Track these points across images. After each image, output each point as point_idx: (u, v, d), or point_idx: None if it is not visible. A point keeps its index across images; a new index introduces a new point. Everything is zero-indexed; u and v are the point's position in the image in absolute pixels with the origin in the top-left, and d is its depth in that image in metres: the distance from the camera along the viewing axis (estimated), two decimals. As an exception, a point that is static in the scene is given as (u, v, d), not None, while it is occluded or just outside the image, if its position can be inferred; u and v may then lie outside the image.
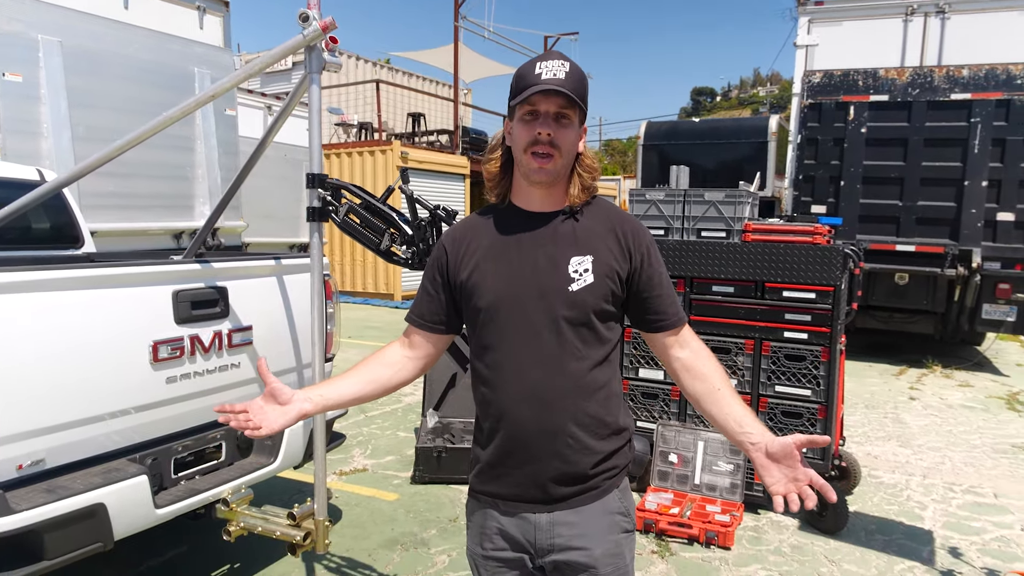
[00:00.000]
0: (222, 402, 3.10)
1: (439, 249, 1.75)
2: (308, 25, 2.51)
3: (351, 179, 14.99)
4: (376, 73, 20.50)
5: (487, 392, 1.67)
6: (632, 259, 1.65)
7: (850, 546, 3.94)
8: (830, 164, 8.61)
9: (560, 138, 1.57)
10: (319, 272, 2.86)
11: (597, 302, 1.60)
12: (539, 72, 1.55)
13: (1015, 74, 7.77)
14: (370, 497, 4.53)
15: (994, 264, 7.98)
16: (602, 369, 1.64)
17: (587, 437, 1.62)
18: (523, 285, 1.61)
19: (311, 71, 2.59)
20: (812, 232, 4.07)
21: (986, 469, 5.27)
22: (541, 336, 1.59)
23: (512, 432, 1.62)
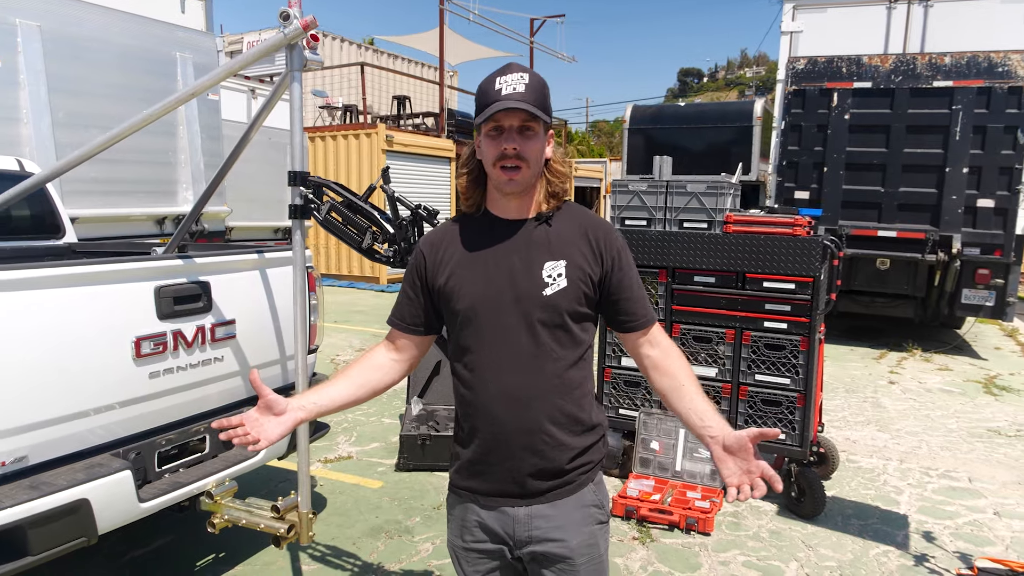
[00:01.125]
0: (207, 396, 3.15)
1: (417, 254, 1.81)
2: (289, 24, 2.51)
3: (336, 163, 14.93)
4: (361, 55, 20.32)
5: (467, 393, 1.73)
6: (604, 262, 1.71)
7: (827, 531, 4.03)
8: (813, 150, 8.67)
9: (526, 150, 1.63)
10: (301, 268, 2.87)
11: (571, 305, 1.67)
12: (499, 88, 1.61)
13: (996, 62, 7.83)
14: (355, 485, 4.57)
15: (974, 250, 8.09)
16: (577, 369, 1.71)
17: (563, 434, 1.69)
18: (499, 290, 1.67)
19: (292, 69, 2.60)
20: (792, 224, 4.12)
21: (962, 453, 5.37)
22: (518, 339, 1.66)
23: (491, 430, 1.69)
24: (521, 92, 1.60)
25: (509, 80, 1.61)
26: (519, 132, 1.62)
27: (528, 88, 1.61)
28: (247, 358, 3.26)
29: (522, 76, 1.62)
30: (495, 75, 1.66)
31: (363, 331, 9.79)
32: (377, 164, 14.57)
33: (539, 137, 1.65)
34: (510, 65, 1.67)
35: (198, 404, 3.08)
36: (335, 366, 7.75)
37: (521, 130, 1.62)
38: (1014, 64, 7.77)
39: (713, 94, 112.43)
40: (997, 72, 7.80)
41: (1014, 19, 7.94)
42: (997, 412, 6.47)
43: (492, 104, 1.60)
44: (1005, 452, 5.42)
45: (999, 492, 4.66)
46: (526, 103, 1.59)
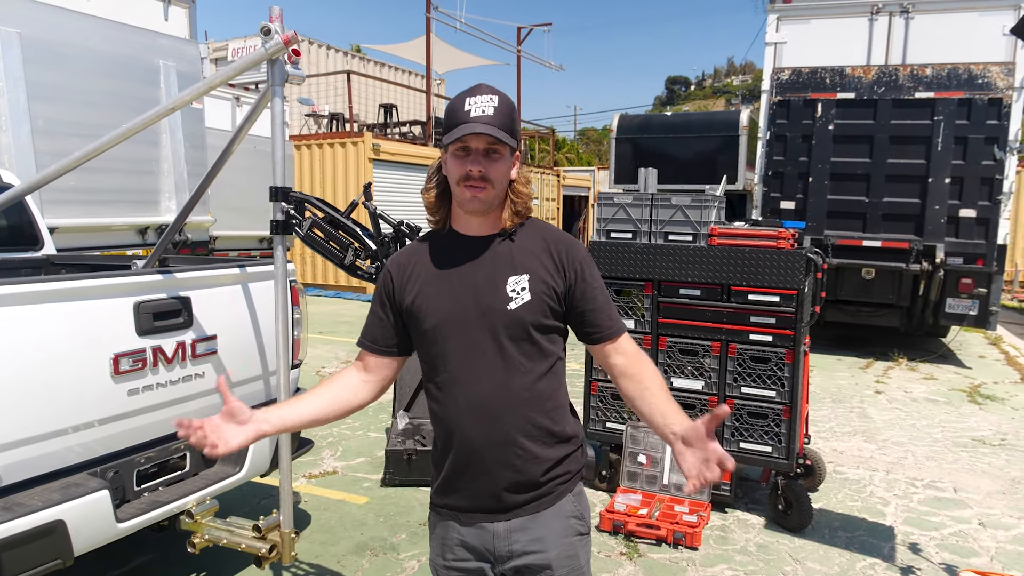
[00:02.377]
0: (187, 413, 3.09)
1: (385, 275, 1.82)
2: (270, 39, 2.48)
3: (322, 171, 14.86)
4: (347, 63, 20.29)
5: (438, 409, 1.74)
6: (567, 275, 1.72)
7: (814, 544, 4.02)
8: (799, 161, 8.71)
9: (491, 172, 1.64)
10: (283, 284, 2.83)
11: (536, 318, 1.69)
12: (468, 109, 1.63)
13: (976, 73, 7.91)
14: (340, 501, 4.52)
15: (957, 259, 8.16)
16: (547, 381, 1.72)
17: (535, 447, 1.70)
18: (465, 306, 1.69)
19: (273, 83, 2.57)
20: (776, 236, 4.12)
21: (947, 463, 5.39)
22: (485, 353, 1.68)
23: (464, 446, 1.70)
24: (489, 116, 1.62)
25: (478, 102, 1.63)
26: (485, 154, 1.64)
27: (496, 112, 1.63)
28: (229, 376, 3.21)
29: (491, 99, 1.64)
30: (465, 95, 1.67)
31: (349, 342, 9.72)
32: (364, 172, 14.52)
33: (504, 160, 1.67)
34: (480, 86, 1.69)
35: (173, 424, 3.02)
36: (320, 378, 7.69)
37: (487, 152, 1.64)
38: (993, 76, 7.86)
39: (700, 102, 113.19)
40: (977, 84, 7.89)
41: (993, 31, 8.03)
42: (981, 421, 6.50)
43: (460, 125, 1.62)
44: (989, 461, 5.44)
45: (984, 502, 4.68)
46: (493, 127, 1.61)
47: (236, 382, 3.30)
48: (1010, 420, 6.56)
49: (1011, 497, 4.77)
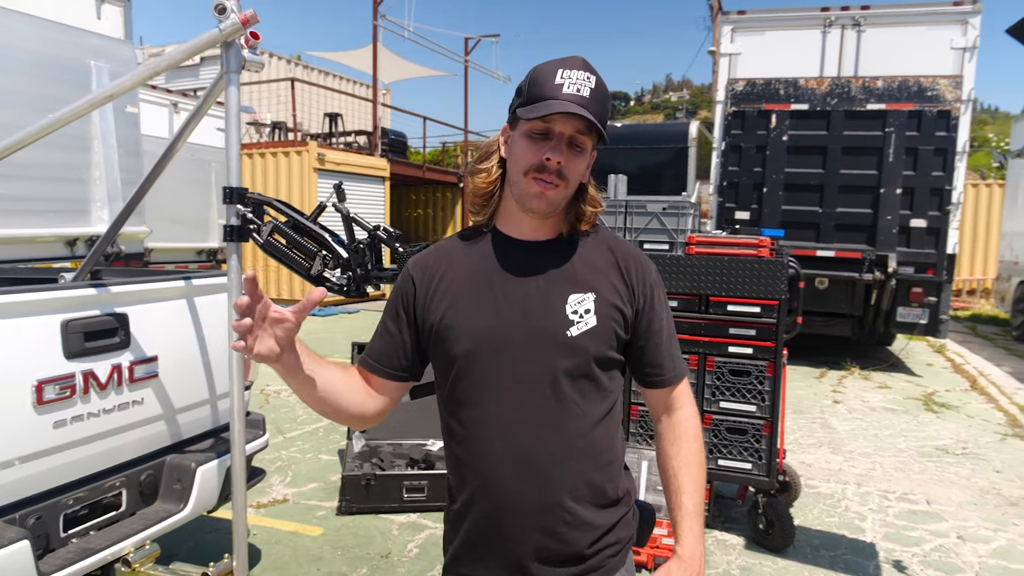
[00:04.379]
0: (124, 445, 2.73)
1: (405, 279, 1.47)
2: (225, 18, 2.17)
3: (264, 181, 14.34)
4: (290, 71, 19.75)
5: (463, 456, 1.40)
6: (636, 298, 1.42)
7: (798, 565, 3.86)
8: (753, 171, 8.72)
9: (570, 167, 1.33)
10: (237, 296, 2.51)
11: (600, 349, 1.36)
12: (561, 83, 1.30)
13: (926, 86, 8.05)
14: (292, 533, 4.16)
15: (908, 268, 8.26)
16: (604, 427, 1.40)
17: (585, 511, 1.37)
18: (510, 328, 1.36)
19: (228, 70, 2.26)
20: (756, 245, 3.98)
21: (915, 474, 5.34)
22: (532, 390, 1.34)
23: (496, 506, 1.36)
24: (585, 97, 1.30)
25: (573, 78, 1.30)
26: (569, 143, 1.32)
27: (592, 96, 1.31)
28: (171, 400, 2.86)
29: (588, 78, 1.32)
30: (557, 64, 1.33)
31: (295, 358, 9.27)
32: (308, 182, 14.06)
33: (586, 155, 1.37)
34: (575, 58, 1.34)
35: (113, 455, 2.67)
36: (265, 397, 7.27)
37: (571, 142, 1.32)
38: (942, 89, 8.01)
39: (639, 117, 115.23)
40: (927, 96, 8.02)
41: (941, 45, 8.19)
42: (941, 430, 6.52)
43: (549, 100, 1.29)
44: (956, 471, 5.42)
45: (958, 514, 4.61)
46: (588, 111, 1.29)
47: (179, 408, 2.96)
48: (967, 428, 6.60)
49: (983, 508, 4.72)
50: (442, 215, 20.50)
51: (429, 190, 20.47)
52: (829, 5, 8.64)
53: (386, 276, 2.77)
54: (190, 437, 3.05)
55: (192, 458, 2.94)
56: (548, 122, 1.30)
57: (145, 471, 2.82)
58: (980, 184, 17.34)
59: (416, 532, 4.17)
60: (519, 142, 1.34)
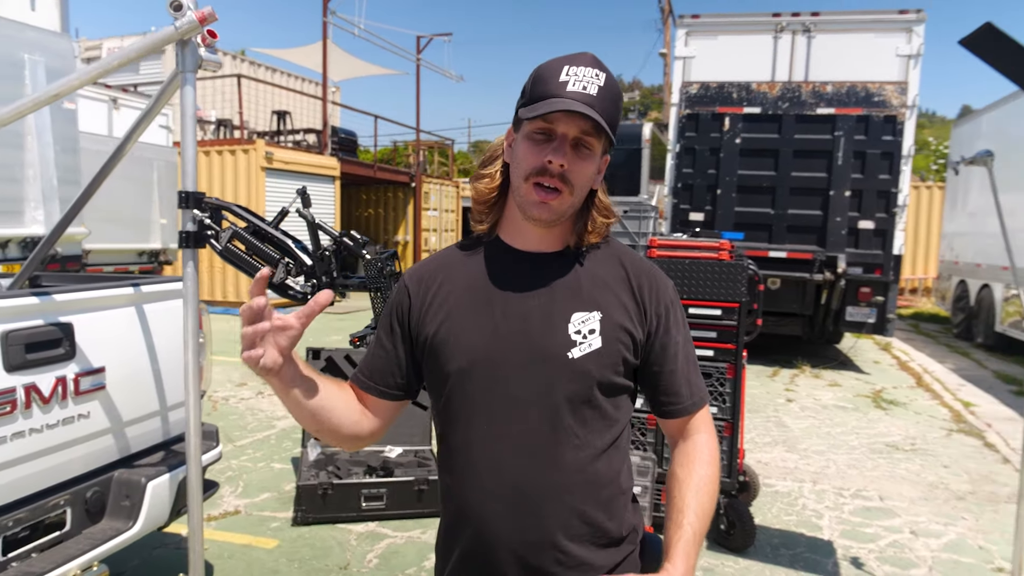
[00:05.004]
0: (70, 461, 2.57)
1: (400, 292, 1.38)
2: (182, 15, 2.04)
3: (209, 180, 13.95)
4: (236, 67, 19.27)
5: (451, 483, 1.31)
6: (649, 318, 1.31)
7: (760, 564, 3.88)
8: (707, 173, 8.83)
9: (575, 172, 1.22)
10: (194, 306, 2.39)
11: (604, 373, 1.25)
12: (565, 79, 1.20)
13: (873, 91, 8.27)
14: (245, 546, 4.02)
15: (856, 269, 8.46)
16: (607, 459, 1.28)
17: (582, 550, 1.26)
18: (509, 346, 1.26)
19: (184, 69, 2.13)
20: (717, 248, 3.99)
21: (867, 471, 5.46)
22: (527, 416, 1.24)
23: (483, 543, 1.26)
24: (591, 95, 1.19)
25: (579, 75, 1.20)
26: (573, 146, 1.21)
27: (601, 93, 1.20)
28: (120, 412, 2.72)
29: (596, 74, 1.21)
30: (563, 61, 1.23)
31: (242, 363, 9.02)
32: (256, 182, 13.74)
33: (594, 159, 1.25)
34: (584, 55, 1.24)
35: (57, 472, 2.51)
36: (213, 404, 7.04)
37: (577, 144, 1.22)
38: (888, 94, 8.23)
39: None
40: (874, 101, 8.24)
41: (887, 52, 8.41)
42: (890, 427, 6.69)
43: (551, 99, 1.19)
44: (906, 467, 5.55)
45: (910, 510, 4.72)
46: (594, 111, 1.18)
47: (128, 421, 2.81)
48: (915, 424, 6.79)
49: (933, 503, 4.84)
50: (393, 215, 20.27)
51: (380, 190, 20.22)
52: (780, 11, 8.81)
53: (353, 284, 2.67)
54: (139, 451, 2.91)
55: (142, 473, 2.80)
56: (550, 122, 1.21)
57: (91, 488, 2.66)
58: (921, 186, 17.95)
59: (376, 541, 4.07)
60: (521, 145, 1.25)
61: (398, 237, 20.00)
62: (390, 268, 2.58)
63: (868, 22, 8.52)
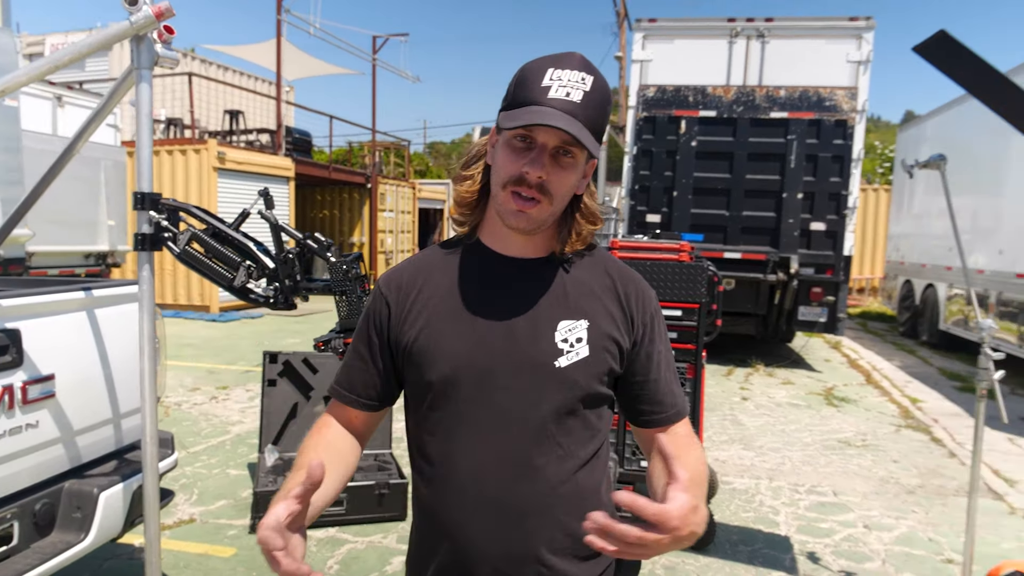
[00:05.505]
0: (16, 473, 2.47)
1: (377, 298, 1.32)
2: (137, 10, 1.97)
3: (160, 180, 13.60)
4: (186, 64, 18.85)
5: (428, 496, 1.27)
6: (635, 328, 1.27)
7: (720, 561, 3.94)
8: (664, 175, 8.94)
9: (554, 181, 1.17)
10: (150, 310, 2.31)
11: (590, 383, 1.22)
12: (548, 84, 1.15)
13: (824, 96, 8.48)
14: (202, 555, 3.92)
15: (808, 270, 8.67)
16: (590, 470, 1.26)
17: (565, 563, 1.23)
18: (492, 355, 1.21)
19: (140, 66, 2.06)
20: (677, 249, 4.04)
21: (821, 467, 5.58)
22: (512, 426, 1.21)
23: (461, 555, 1.22)
24: (575, 103, 1.14)
25: (564, 79, 1.15)
26: (553, 155, 1.16)
27: (586, 99, 1.15)
28: (70, 421, 2.62)
29: (583, 78, 1.15)
30: (548, 63, 1.17)
31: (195, 367, 8.84)
32: (208, 183, 13.44)
33: (576, 167, 1.20)
34: (571, 56, 1.18)
35: (3, 484, 2.41)
36: (165, 410, 6.86)
37: (557, 153, 1.16)
38: (839, 99, 8.45)
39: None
40: (825, 106, 8.45)
41: (838, 58, 8.64)
42: (842, 423, 6.86)
43: (531, 106, 1.14)
44: (858, 463, 5.69)
45: (862, 504, 4.84)
46: (576, 122, 1.13)
47: (79, 429, 2.72)
48: (866, 421, 6.97)
49: (884, 497, 4.98)
50: (349, 216, 20.05)
51: (336, 191, 19.99)
52: (735, 16, 8.97)
53: (317, 287, 2.62)
54: (91, 460, 2.81)
55: (94, 483, 2.71)
56: (530, 130, 1.16)
57: (40, 500, 2.56)
58: (868, 189, 18.47)
59: (335, 547, 4.01)
60: (500, 151, 1.20)
61: (354, 239, 19.80)
62: (355, 271, 2.55)
63: (820, 28, 8.74)
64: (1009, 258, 8.20)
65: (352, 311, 2.71)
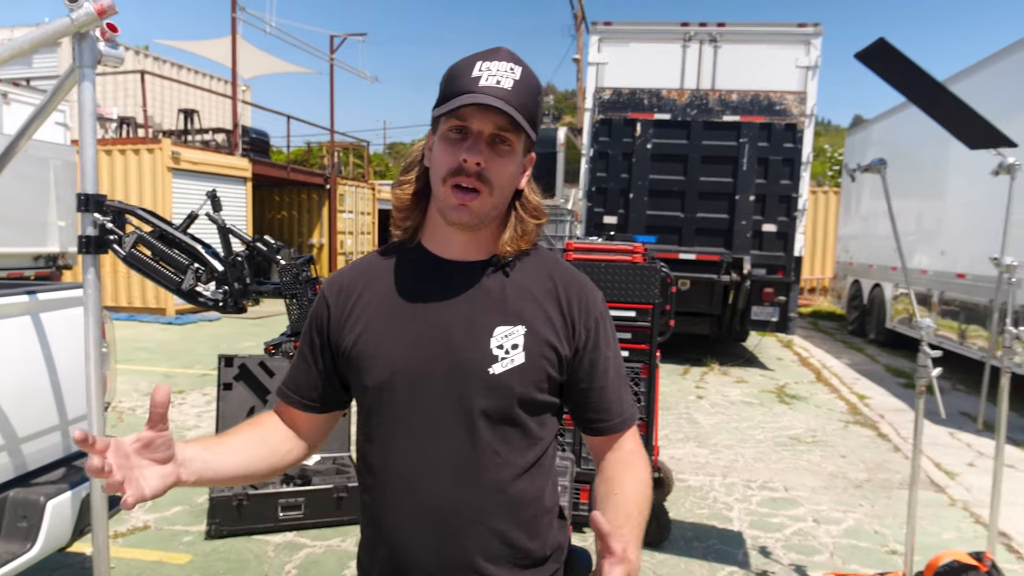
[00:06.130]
0: (-44, 482, 2.42)
1: (319, 302, 1.32)
2: (78, 7, 1.95)
3: (112, 181, 13.31)
4: (139, 62, 18.43)
5: (369, 502, 1.27)
6: (576, 334, 1.26)
7: (675, 558, 4.02)
8: (620, 177, 9.06)
9: (494, 170, 1.17)
10: (95, 314, 2.28)
11: (527, 390, 1.21)
12: (477, 75, 1.16)
13: (775, 100, 8.69)
14: (156, 563, 3.86)
15: (760, 270, 8.86)
16: (531, 478, 1.24)
17: (504, 572, 1.22)
18: (429, 359, 1.21)
19: (82, 64, 2.03)
20: (631, 251, 4.11)
21: (773, 463, 5.72)
22: (447, 434, 1.20)
23: (398, 562, 1.22)
24: (506, 89, 1.15)
25: (493, 69, 1.16)
26: (490, 143, 1.17)
27: (516, 87, 1.16)
28: (14, 428, 2.57)
29: (511, 68, 1.17)
30: (476, 57, 1.19)
31: (150, 371, 8.67)
32: (162, 183, 13.18)
33: (515, 156, 1.20)
34: (499, 50, 1.20)
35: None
36: (119, 416, 6.72)
37: (493, 140, 1.17)
38: (789, 103, 8.66)
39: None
40: (776, 110, 8.65)
41: (788, 64, 8.86)
42: (793, 420, 7.03)
43: (462, 95, 1.14)
44: (808, 459, 5.85)
45: (812, 499, 4.98)
46: (510, 106, 1.14)
47: (25, 436, 2.66)
48: (815, 417, 7.16)
49: (832, 492, 5.12)
50: (308, 218, 19.85)
51: (294, 191, 19.76)
52: (688, 21, 9.13)
53: (267, 290, 2.61)
54: (38, 468, 2.76)
55: (40, 491, 2.65)
56: (463, 119, 1.16)
57: (-16, 509, 2.51)
58: (818, 191, 18.93)
59: (294, 552, 3.99)
60: (437, 146, 1.21)
61: (313, 240, 19.60)
62: (305, 274, 2.55)
63: (770, 34, 8.95)
64: (950, 259, 8.50)
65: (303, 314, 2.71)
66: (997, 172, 2.99)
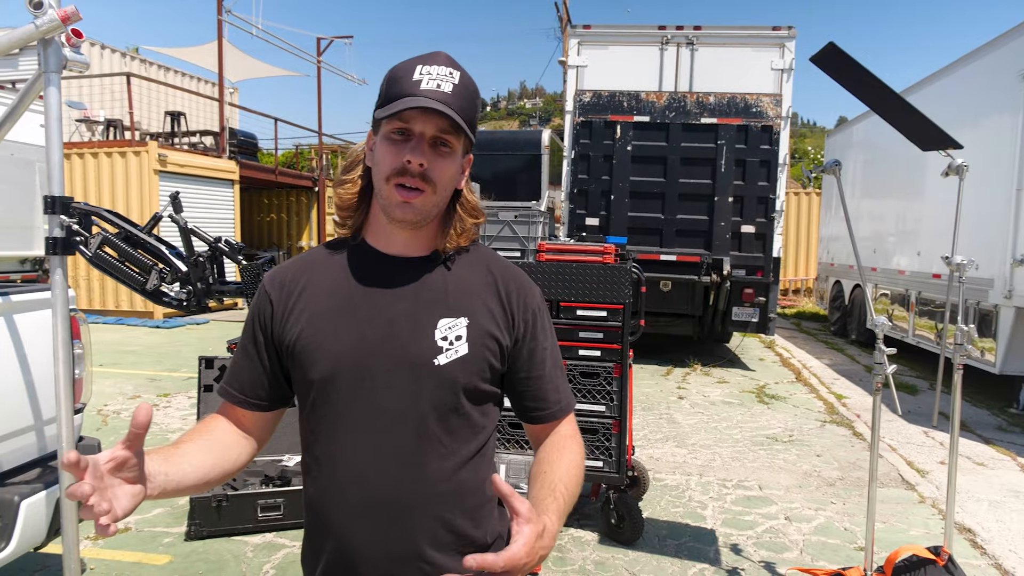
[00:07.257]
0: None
1: (261, 297, 1.34)
2: (42, 13, 2.00)
3: (99, 184, 13.30)
4: (126, 65, 18.42)
5: (314, 495, 1.30)
6: (515, 325, 1.32)
7: (647, 555, 4.09)
8: (601, 179, 9.15)
9: (436, 170, 1.23)
10: (64, 315, 2.34)
11: (471, 380, 1.26)
12: (418, 79, 1.21)
13: (751, 103, 8.79)
14: (136, 564, 3.90)
15: (740, 271, 8.96)
16: (473, 467, 1.29)
17: (446, 559, 1.25)
18: (373, 353, 1.24)
19: (48, 70, 2.09)
20: (602, 252, 4.19)
21: (749, 462, 5.81)
22: (392, 425, 1.24)
23: (345, 554, 1.25)
24: (446, 93, 1.21)
25: (432, 73, 1.22)
26: (431, 145, 1.22)
27: (455, 92, 1.22)
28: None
29: (450, 73, 1.23)
30: (416, 61, 1.24)
31: (136, 374, 8.69)
32: (149, 185, 13.18)
33: (455, 158, 1.26)
34: (437, 54, 1.25)
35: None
36: (103, 419, 6.74)
37: (435, 142, 1.23)
38: (765, 106, 8.77)
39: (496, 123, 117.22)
40: (752, 112, 8.76)
41: (763, 66, 8.97)
42: (771, 420, 7.13)
43: (404, 98, 1.20)
44: (784, 458, 5.94)
45: (785, 497, 5.06)
46: (450, 108, 1.20)
47: (1, 436, 2.71)
48: (793, 417, 7.26)
49: (806, 490, 5.21)
50: (296, 220, 19.86)
51: (282, 194, 19.78)
52: (666, 24, 9.23)
53: (229, 290, 2.67)
54: (12, 468, 2.81)
55: (15, 491, 2.70)
56: (406, 121, 1.21)
57: (-43, 510, 2.56)
58: (801, 193, 19.09)
59: (272, 552, 4.04)
60: (380, 146, 1.25)
61: (302, 242, 19.61)
62: (266, 273, 2.61)
63: (745, 37, 9.06)
64: (927, 260, 8.62)
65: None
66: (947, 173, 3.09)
